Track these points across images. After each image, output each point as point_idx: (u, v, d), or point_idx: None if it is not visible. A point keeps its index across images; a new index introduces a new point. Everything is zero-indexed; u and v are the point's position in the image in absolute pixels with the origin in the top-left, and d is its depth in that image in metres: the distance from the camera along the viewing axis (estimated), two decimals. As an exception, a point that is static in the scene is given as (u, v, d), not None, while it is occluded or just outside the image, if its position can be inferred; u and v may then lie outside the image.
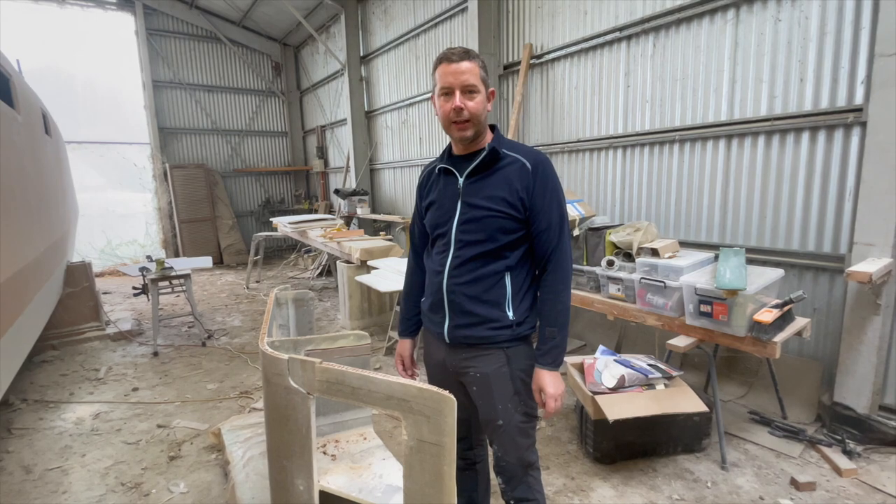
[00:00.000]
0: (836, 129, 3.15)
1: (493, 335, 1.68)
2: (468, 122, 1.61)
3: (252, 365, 4.64)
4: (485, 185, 1.66)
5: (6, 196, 2.74)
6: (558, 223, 1.66)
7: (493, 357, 1.70)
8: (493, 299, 1.67)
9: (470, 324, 1.70)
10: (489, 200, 1.64)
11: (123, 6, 9.64)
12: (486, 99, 1.65)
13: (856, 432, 2.97)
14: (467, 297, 1.68)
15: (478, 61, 1.61)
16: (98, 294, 5.70)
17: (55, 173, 4.58)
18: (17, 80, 3.55)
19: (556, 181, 1.68)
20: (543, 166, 1.66)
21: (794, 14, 3.27)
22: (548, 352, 1.66)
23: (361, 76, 8.83)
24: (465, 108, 1.58)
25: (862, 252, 2.92)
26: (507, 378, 1.70)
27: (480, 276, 1.67)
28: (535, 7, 5.20)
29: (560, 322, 1.65)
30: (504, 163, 1.67)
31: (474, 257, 1.67)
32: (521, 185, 1.63)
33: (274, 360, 1.64)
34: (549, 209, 1.65)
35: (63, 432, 3.49)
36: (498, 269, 1.67)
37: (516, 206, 1.63)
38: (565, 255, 1.67)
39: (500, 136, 1.73)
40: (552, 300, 1.66)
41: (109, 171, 10.11)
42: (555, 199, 1.66)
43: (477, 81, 1.59)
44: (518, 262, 1.69)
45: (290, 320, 2.98)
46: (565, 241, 1.67)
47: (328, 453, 2.46)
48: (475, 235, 1.66)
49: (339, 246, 5.97)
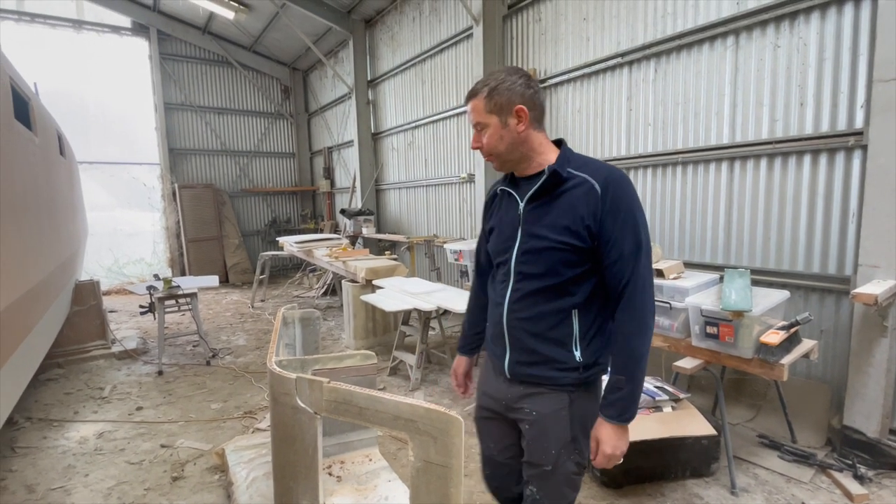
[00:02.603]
0: (837, 152, 3.18)
1: (558, 376, 1.53)
2: (490, 157, 1.57)
3: (256, 384, 4.63)
4: (547, 211, 1.51)
5: (22, 216, 2.80)
6: (632, 253, 1.43)
7: (554, 398, 1.55)
8: (557, 338, 1.52)
9: (532, 362, 1.56)
10: (550, 230, 1.48)
11: (138, 32, 9.94)
12: (502, 126, 1.52)
13: (866, 457, 2.93)
14: (528, 334, 1.55)
15: (483, 93, 1.52)
16: (105, 312, 5.74)
17: (68, 193, 4.67)
18: (35, 103, 3.66)
19: (630, 203, 1.45)
20: (616, 186, 1.44)
21: (793, 41, 3.34)
22: (612, 403, 1.46)
23: (368, 99, 9.00)
24: (482, 146, 1.55)
25: (867, 274, 2.92)
26: (565, 422, 1.53)
27: (543, 314, 1.52)
28: (539, 34, 5.33)
29: (629, 370, 1.44)
30: (570, 185, 1.48)
31: (535, 292, 1.52)
32: (587, 210, 1.44)
33: (282, 379, 1.66)
34: (622, 238, 1.43)
35: (67, 451, 3.48)
36: (563, 307, 1.50)
37: (581, 236, 1.45)
38: (641, 292, 1.44)
39: (567, 154, 1.55)
40: (621, 343, 1.46)
41: (119, 190, 10.27)
42: (628, 225, 1.43)
43: (482, 118, 1.52)
44: (588, 299, 1.50)
45: (297, 339, 3.00)
46: (641, 275, 1.44)
47: (333, 474, 2.44)
48: (535, 268, 1.52)
49: (344, 265, 6.01)
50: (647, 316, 1.45)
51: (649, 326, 1.46)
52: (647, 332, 1.45)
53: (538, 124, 1.55)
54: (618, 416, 1.45)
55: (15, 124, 2.85)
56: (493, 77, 1.52)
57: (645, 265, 1.45)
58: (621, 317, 1.46)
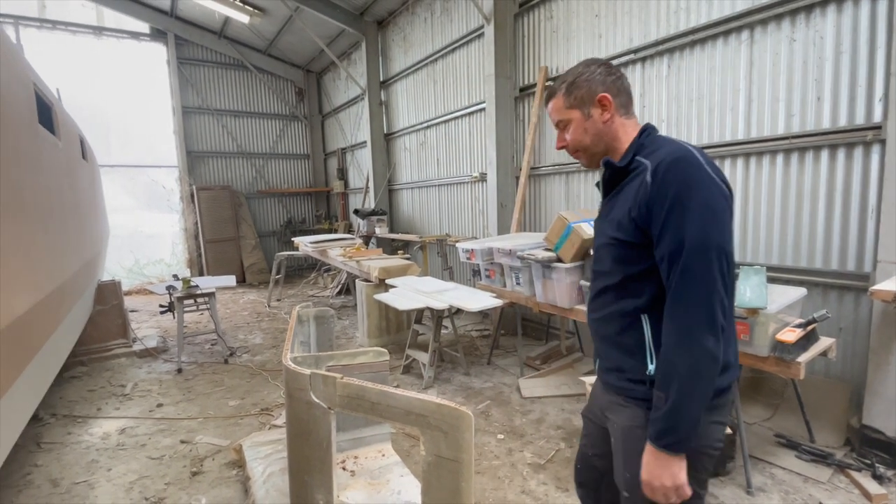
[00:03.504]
0: (855, 147, 3.13)
1: (628, 388, 1.40)
2: (577, 153, 1.51)
3: (273, 382, 4.71)
4: (613, 204, 1.44)
5: (48, 218, 2.89)
6: (676, 251, 1.21)
7: (631, 412, 1.39)
8: (627, 344, 1.39)
9: (608, 368, 1.48)
10: (609, 225, 1.42)
11: (156, 37, 10.14)
12: (585, 118, 1.43)
13: (886, 456, 2.87)
14: (600, 337, 1.51)
15: (561, 91, 1.46)
16: (126, 312, 5.88)
17: (90, 196, 4.80)
18: (57, 108, 3.77)
19: (682, 188, 1.21)
20: (666, 169, 1.24)
21: (809, 34, 3.29)
22: (652, 422, 1.26)
23: (381, 100, 9.06)
24: (567, 144, 1.49)
25: (887, 270, 2.87)
26: (642, 441, 1.31)
27: (612, 315, 1.43)
28: (551, 31, 5.32)
29: (667, 385, 1.23)
30: (633, 174, 1.37)
31: (602, 291, 1.46)
32: (636, 200, 1.29)
33: (297, 375, 1.70)
34: (665, 232, 1.23)
35: (90, 447, 3.58)
36: (626, 310, 1.38)
37: (627, 230, 1.32)
38: (687, 296, 1.21)
39: (643, 140, 1.40)
40: (662, 355, 1.27)
41: (139, 193, 10.50)
42: (674, 216, 1.21)
43: (562, 115, 1.46)
44: (657, 303, 1.31)
45: (312, 337, 3.05)
46: (691, 277, 1.20)
47: (347, 469, 2.49)
48: (601, 265, 1.47)
49: (357, 265, 6.07)
50: (695, 328, 1.20)
51: (697, 341, 1.20)
52: (692, 346, 1.20)
53: (625, 111, 1.44)
54: (655, 439, 1.25)
55: (39, 129, 2.95)
56: (571, 73, 1.46)
57: (698, 267, 1.20)
58: (665, 326, 1.26)
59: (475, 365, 4.98)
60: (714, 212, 1.21)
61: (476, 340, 5.90)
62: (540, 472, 3.07)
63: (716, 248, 1.20)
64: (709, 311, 1.20)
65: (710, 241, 1.20)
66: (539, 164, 5.64)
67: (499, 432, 3.58)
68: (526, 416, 3.82)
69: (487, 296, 4.46)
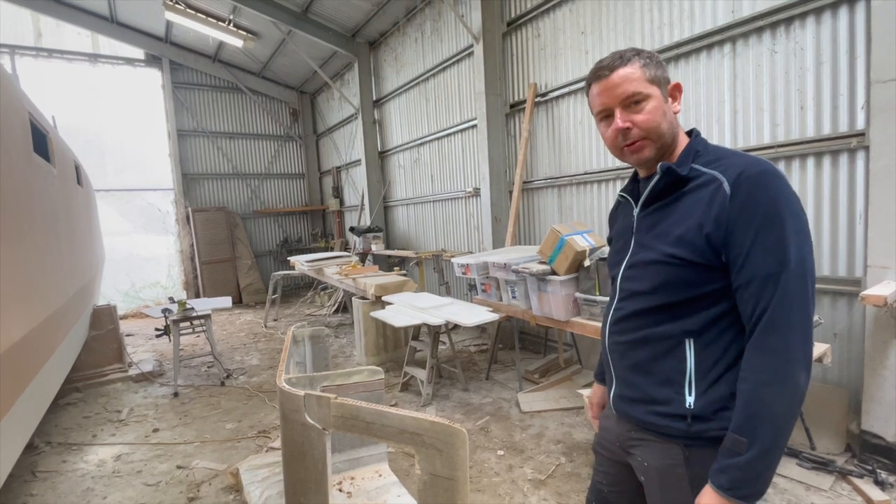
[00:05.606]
0: (840, 154, 3.18)
1: (660, 424, 1.23)
2: (644, 141, 1.22)
3: (269, 404, 4.68)
4: (661, 217, 1.24)
5: (43, 244, 2.90)
6: (772, 275, 1.07)
7: (665, 450, 1.24)
8: (663, 373, 1.23)
9: (633, 399, 1.30)
10: (661, 240, 1.22)
11: (151, 63, 10.27)
12: (665, 100, 1.22)
13: (887, 462, 2.86)
14: (627, 364, 1.31)
15: (639, 60, 1.20)
16: (122, 336, 5.85)
17: (85, 221, 4.82)
18: (53, 136, 3.81)
19: (774, 205, 1.08)
20: (752, 183, 1.10)
21: (790, 45, 3.36)
22: (724, 469, 1.10)
23: (374, 119, 9.16)
24: (634, 125, 1.20)
25: (877, 275, 2.89)
26: (683, 482, 1.20)
27: (646, 339, 1.25)
28: (538, 49, 5.42)
29: (753, 431, 1.07)
30: (694, 184, 1.19)
31: (638, 313, 1.27)
32: (710, 216, 1.13)
33: (291, 396, 1.70)
34: (755, 252, 1.09)
35: (85, 474, 3.54)
36: (671, 333, 1.21)
37: (698, 249, 1.15)
38: (783, 329, 1.07)
39: (696, 146, 1.25)
40: (747, 394, 1.10)
41: (135, 216, 10.52)
42: (769, 235, 1.08)
43: (642, 86, 1.18)
44: (710, 327, 1.18)
45: (307, 357, 3.04)
46: (787, 305, 1.07)
47: (344, 490, 2.46)
48: (640, 285, 1.26)
49: (354, 282, 6.07)
50: (793, 364, 1.07)
51: (793, 379, 1.06)
52: (787, 384, 1.06)
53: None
54: (728, 488, 1.08)
55: (35, 158, 2.98)
56: (631, 50, 1.23)
57: (796, 292, 1.07)
58: (752, 360, 1.11)
59: (474, 380, 4.95)
60: (806, 234, 1.10)
61: (474, 355, 5.88)
62: (541, 487, 3.04)
63: (811, 274, 1.09)
64: (806, 343, 1.08)
65: (808, 265, 1.09)
66: (531, 178, 5.70)
67: (499, 448, 3.56)
68: (526, 431, 3.80)
69: (484, 310, 4.47)
